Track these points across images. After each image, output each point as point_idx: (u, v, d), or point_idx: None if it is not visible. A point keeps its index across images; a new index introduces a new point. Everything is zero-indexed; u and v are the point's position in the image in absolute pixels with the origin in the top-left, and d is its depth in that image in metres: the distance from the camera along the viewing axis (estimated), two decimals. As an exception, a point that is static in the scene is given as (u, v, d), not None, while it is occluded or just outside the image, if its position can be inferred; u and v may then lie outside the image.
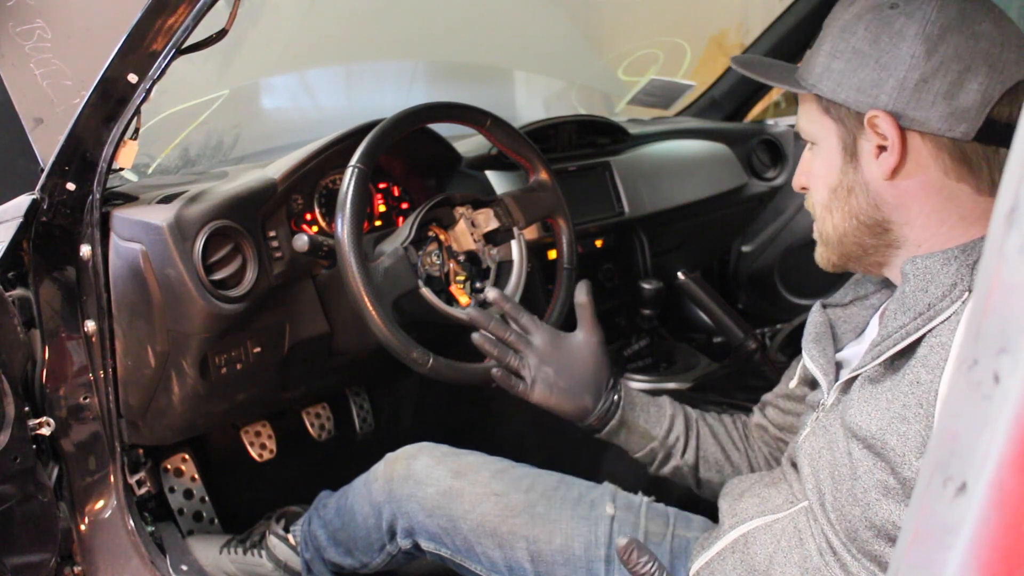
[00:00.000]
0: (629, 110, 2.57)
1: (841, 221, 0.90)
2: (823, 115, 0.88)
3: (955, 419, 0.34)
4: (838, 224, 0.90)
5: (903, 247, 0.88)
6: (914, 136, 0.82)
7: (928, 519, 0.34)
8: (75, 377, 1.23)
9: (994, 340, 0.32)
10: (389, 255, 1.28)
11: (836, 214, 0.90)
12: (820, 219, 0.93)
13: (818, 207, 0.93)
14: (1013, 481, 0.30)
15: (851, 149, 0.87)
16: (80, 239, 1.21)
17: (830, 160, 0.89)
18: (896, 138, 0.82)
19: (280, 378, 1.48)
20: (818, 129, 0.89)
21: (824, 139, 0.89)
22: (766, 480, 1.04)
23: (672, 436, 1.16)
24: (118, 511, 1.26)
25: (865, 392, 0.84)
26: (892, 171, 0.84)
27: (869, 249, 0.90)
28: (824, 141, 0.89)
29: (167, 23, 1.06)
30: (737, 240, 2.45)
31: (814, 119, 0.90)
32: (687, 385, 1.80)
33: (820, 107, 0.88)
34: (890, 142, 0.83)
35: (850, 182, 0.88)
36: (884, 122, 0.82)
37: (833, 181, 0.89)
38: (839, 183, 0.88)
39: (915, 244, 0.87)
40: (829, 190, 0.90)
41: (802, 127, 0.93)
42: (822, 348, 0.97)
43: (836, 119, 0.87)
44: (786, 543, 0.91)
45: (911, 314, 0.81)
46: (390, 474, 1.24)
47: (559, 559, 1.12)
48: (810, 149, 0.93)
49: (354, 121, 1.44)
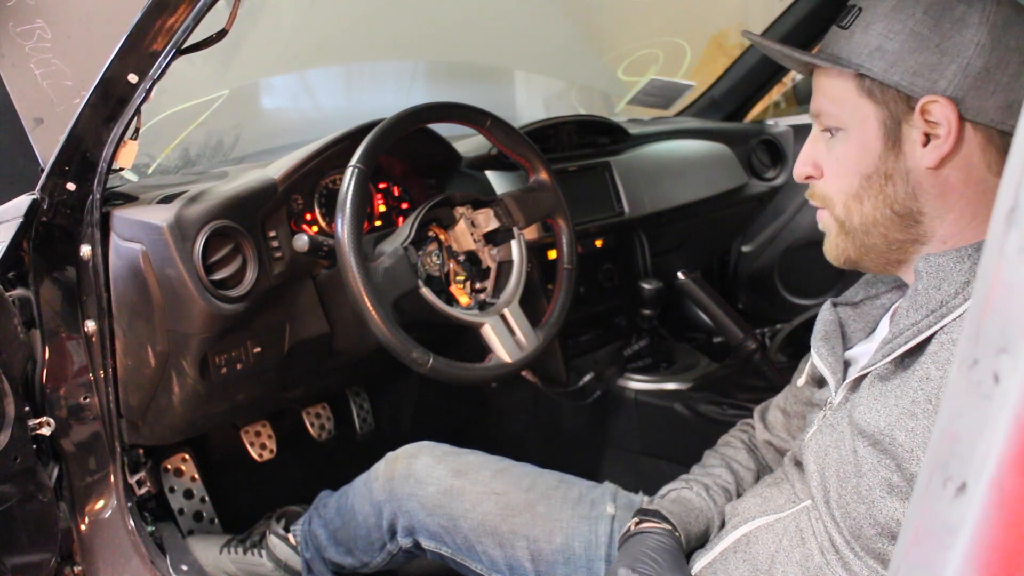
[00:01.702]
0: (629, 110, 2.57)
1: (872, 210, 0.85)
2: (862, 97, 0.83)
3: (955, 419, 0.34)
4: (868, 213, 0.86)
5: (928, 243, 0.85)
6: (967, 125, 0.80)
7: (928, 519, 0.34)
8: (75, 377, 1.23)
9: (994, 340, 0.32)
10: (389, 255, 1.28)
11: (867, 203, 0.85)
12: (844, 207, 0.87)
13: (842, 195, 0.87)
14: (1013, 481, 0.30)
15: (894, 135, 0.83)
16: (80, 239, 1.21)
17: (866, 145, 0.84)
18: (954, 126, 0.79)
19: (280, 378, 1.48)
20: (851, 113, 0.85)
21: (859, 123, 0.84)
22: (768, 480, 1.04)
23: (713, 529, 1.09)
24: (118, 511, 1.26)
25: (875, 390, 0.84)
26: (940, 160, 0.81)
27: (893, 244, 0.87)
28: (858, 125, 0.84)
29: (167, 23, 1.06)
30: (737, 240, 2.45)
31: (847, 102, 0.84)
32: (687, 385, 1.80)
33: (860, 89, 0.83)
34: (944, 129, 0.80)
35: (889, 169, 0.83)
36: (943, 108, 0.79)
37: (868, 168, 0.84)
38: (875, 170, 0.84)
39: (940, 240, 0.84)
40: (862, 177, 0.85)
41: (826, 111, 0.87)
42: (831, 346, 0.96)
43: (880, 102, 0.82)
44: (788, 542, 0.91)
45: (923, 311, 0.81)
46: (390, 473, 1.24)
47: (559, 558, 1.12)
48: (831, 136, 0.88)
49: (354, 121, 1.44)
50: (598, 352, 1.93)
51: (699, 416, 1.71)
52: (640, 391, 1.82)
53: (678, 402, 1.75)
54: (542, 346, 1.41)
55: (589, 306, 1.91)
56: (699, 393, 1.76)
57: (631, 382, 1.84)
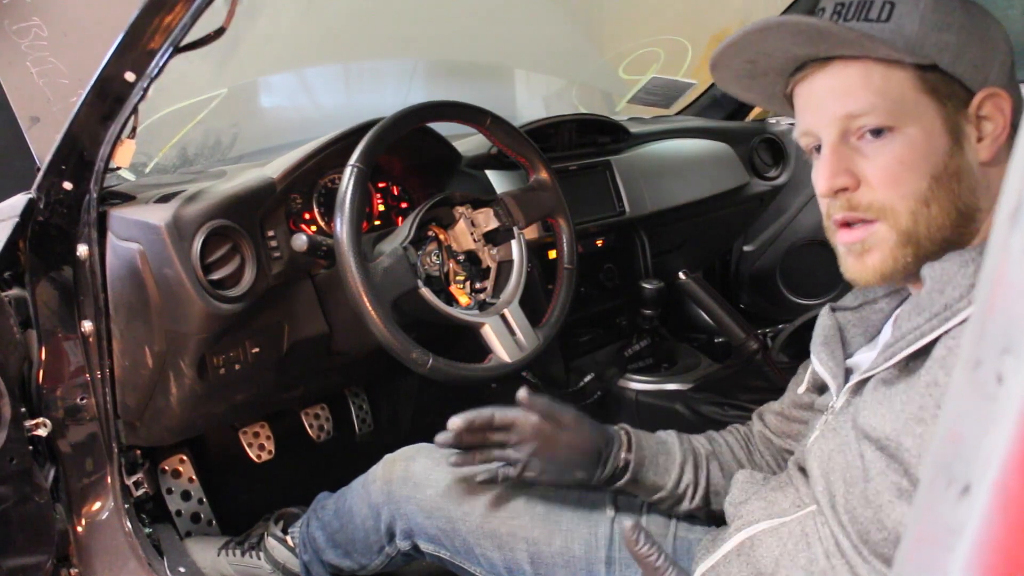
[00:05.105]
0: (630, 109, 2.57)
1: (940, 212, 0.80)
2: (923, 93, 0.79)
3: (958, 421, 0.33)
4: (936, 217, 0.79)
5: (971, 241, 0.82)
6: None
7: (931, 521, 0.34)
8: (72, 378, 1.23)
9: (998, 341, 0.31)
10: (388, 255, 1.27)
11: (935, 206, 0.79)
12: (910, 217, 0.80)
13: (907, 202, 0.80)
14: (1017, 483, 0.30)
15: (957, 130, 0.79)
16: (77, 239, 1.20)
17: (932, 144, 0.79)
18: (1009, 118, 0.78)
19: (279, 379, 1.48)
20: (909, 110, 0.79)
21: (918, 120, 0.79)
22: (772, 484, 1.03)
23: (682, 485, 1.13)
24: (115, 513, 1.26)
25: (879, 394, 0.83)
26: (995, 153, 0.79)
27: (943, 245, 0.81)
28: (918, 122, 0.79)
29: (164, 21, 1.05)
30: (738, 240, 2.44)
31: (904, 98, 0.79)
32: (688, 386, 1.79)
33: (921, 83, 0.79)
34: (1001, 122, 0.79)
35: (957, 166, 0.79)
36: (999, 100, 0.78)
37: (937, 167, 0.79)
38: (944, 169, 0.79)
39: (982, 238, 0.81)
40: (931, 179, 0.79)
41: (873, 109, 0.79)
42: (831, 351, 0.95)
43: (942, 97, 0.79)
44: (793, 546, 0.90)
45: (926, 315, 0.79)
46: (389, 475, 1.23)
47: (559, 560, 1.12)
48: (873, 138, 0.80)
49: (353, 120, 1.43)
50: (599, 352, 1.93)
51: (700, 417, 1.71)
52: (641, 392, 1.82)
53: (679, 403, 1.75)
54: (542, 346, 1.40)
55: (590, 306, 1.90)
56: (700, 394, 1.76)
57: (632, 383, 1.83)
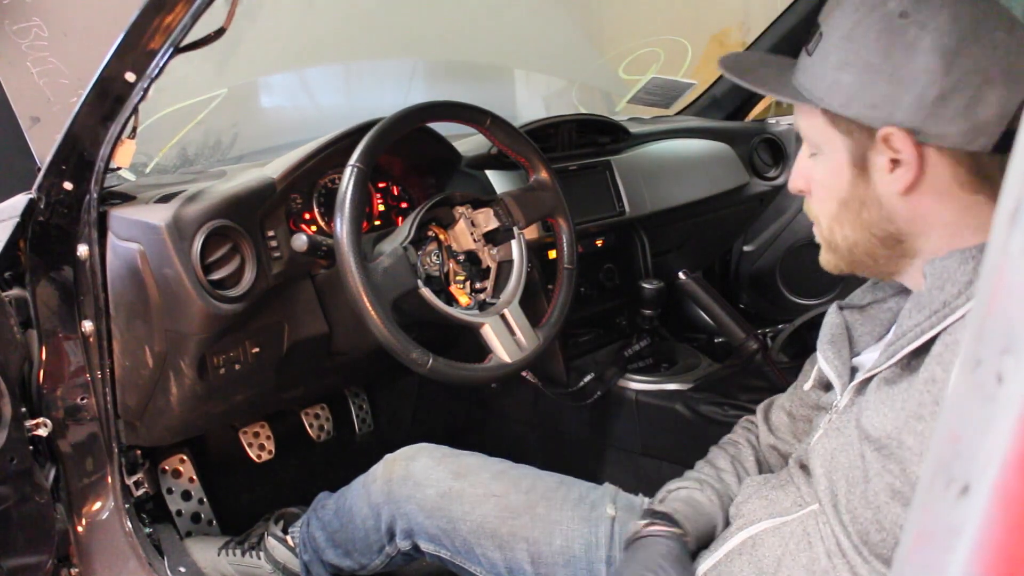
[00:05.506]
0: (629, 109, 2.57)
1: (852, 233, 0.87)
2: (829, 127, 0.84)
3: (958, 420, 0.33)
4: (848, 235, 0.87)
5: (918, 256, 0.86)
6: (931, 151, 0.80)
7: (930, 521, 0.34)
8: (72, 378, 1.23)
9: (997, 341, 0.31)
10: (388, 255, 1.27)
11: (847, 227, 0.87)
12: (828, 229, 0.90)
13: (825, 217, 0.89)
14: (1016, 483, 0.30)
15: (861, 163, 0.83)
16: (77, 239, 1.20)
17: (837, 172, 0.86)
18: (913, 155, 0.79)
19: (279, 379, 1.48)
20: (823, 140, 0.86)
21: (830, 150, 0.85)
22: (773, 483, 1.03)
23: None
24: (115, 512, 1.26)
25: (881, 393, 0.83)
26: (908, 187, 0.81)
27: (880, 259, 0.88)
28: (830, 152, 0.85)
29: (165, 21, 1.05)
30: (738, 240, 2.44)
31: (818, 129, 0.85)
32: (688, 386, 1.79)
33: (826, 119, 0.84)
34: (906, 158, 0.80)
35: (862, 196, 0.84)
36: (900, 139, 0.79)
37: (843, 194, 0.86)
38: (850, 196, 0.85)
39: (930, 253, 0.84)
40: (838, 203, 0.86)
41: (804, 132, 0.88)
42: (837, 350, 0.95)
43: (845, 132, 0.83)
44: (794, 546, 0.90)
45: (926, 312, 0.80)
46: (389, 475, 1.23)
47: (559, 560, 1.12)
48: (812, 155, 0.89)
49: (353, 120, 1.44)
50: (598, 352, 1.93)
51: (700, 417, 1.71)
52: (641, 392, 1.82)
53: (679, 403, 1.75)
54: (542, 346, 1.40)
55: (589, 306, 1.90)
56: (700, 394, 1.76)
57: (632, 382, 1.83)
